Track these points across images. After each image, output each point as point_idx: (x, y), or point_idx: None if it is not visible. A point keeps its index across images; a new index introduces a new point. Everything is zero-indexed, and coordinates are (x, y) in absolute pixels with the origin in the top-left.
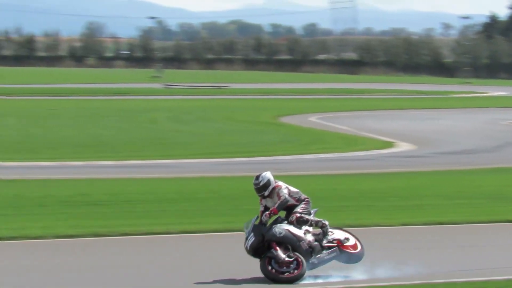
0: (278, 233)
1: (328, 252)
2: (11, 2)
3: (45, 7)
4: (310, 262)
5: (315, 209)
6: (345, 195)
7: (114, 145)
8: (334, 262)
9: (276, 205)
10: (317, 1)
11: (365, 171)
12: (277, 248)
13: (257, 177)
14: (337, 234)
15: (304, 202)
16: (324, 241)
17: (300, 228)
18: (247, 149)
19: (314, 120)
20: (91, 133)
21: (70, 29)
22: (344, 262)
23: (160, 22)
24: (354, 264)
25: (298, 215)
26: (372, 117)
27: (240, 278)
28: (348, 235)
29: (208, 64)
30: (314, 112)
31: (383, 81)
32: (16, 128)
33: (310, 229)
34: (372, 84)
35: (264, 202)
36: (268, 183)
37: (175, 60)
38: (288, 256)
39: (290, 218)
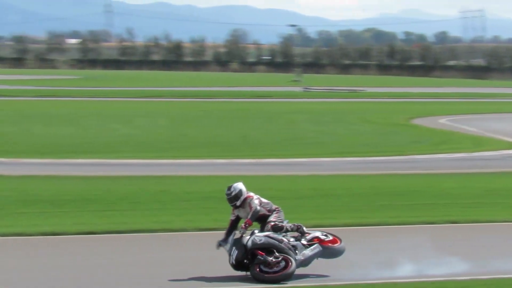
0: (258, 240)
1: (310, 249)
2: (161, 10)
3: (193, 16)
4: (296, 259)
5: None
6: (478, 193)
7: (257, 144)
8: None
9: (249, 216)
10: (448, 11)
11: (495, 170)
12: (262, 253)
13: (229, 188)
14: (314, 233)
15: (275, 212)
16: (304, 241)
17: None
18: (381, 149)
19: (443, 122)
20: (236, 133)
21: (215, 36)
22: (327, 258)
23: (300, 30)
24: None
25: (272, 223)
26: (499, 119)
27: (364, 269)
28: (325, 233)
29: (344, 69)
30: (444, 114)
31: (510, 86)
32: (167, 127)
33: (288, 233)
34: (499, 88)
35: (236, 212)
36: (239, 193)
37: (314, 65)
38: (275, 257)
39: (266, 228)
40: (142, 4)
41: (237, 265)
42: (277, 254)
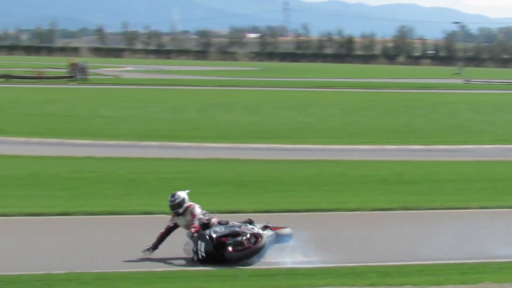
0: (219, 229)
1: (266, 232)
2: (334, 8)
3: (363, 13)
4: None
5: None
6: None
7: (423, 131)
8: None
9: (195, 221)
10: None
11: None
12: (227, 238)
13: (173, 195)
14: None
15: (214, 218)
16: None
17: None
18: None
19: None
20: (403, 121)
21: (384, 32)
22: (281, 242)
23: (462, 27)
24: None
25: (217, 220)
26: None
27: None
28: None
29: (504, 63)
30: None
31: None
32: (338, 116)
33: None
34: None
35: (175, 219)
36: (182, 201)
37: (474, 59)
38: (243, 235)
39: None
40: (317, 2)
41: (207, 257)
42: (243, 235)
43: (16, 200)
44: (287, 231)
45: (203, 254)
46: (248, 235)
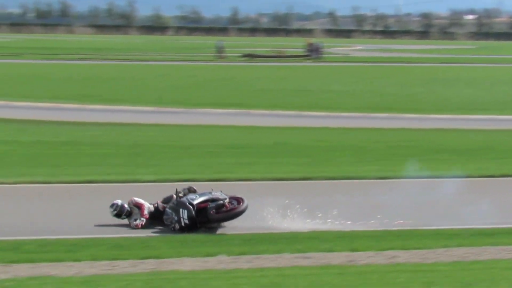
0: (195, 197)
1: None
2: None
3: None
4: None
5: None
6: None
7: None
8: None
9: (145, 211)
10: None
11: None
12: (207, 204)
13: (111, 205)
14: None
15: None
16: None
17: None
18: None
19: None
20: None
21: None
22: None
23: None
24: None
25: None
26: None
27: None
28: None
29: None
30: None
31: None
32: None
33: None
34: None
35: (134, 216)
36: (122, 207)
37: None
38: (223, 200)
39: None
40: None
41: (190, 224)
42: (222, 199)
43: (263, 167)
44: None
45: (186, 221)
46: (228, 199)
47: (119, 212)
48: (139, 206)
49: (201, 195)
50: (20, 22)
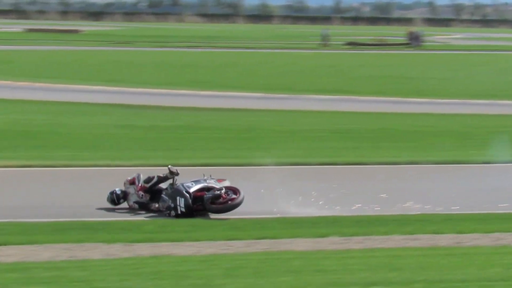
0: (191, 184)
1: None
2: None
3: None
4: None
5: None
6: None
7: None
8: None
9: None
10: None
11: None
12: (204, 193)
13: (111, 193)
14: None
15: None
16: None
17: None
18: None
19: None
20: None
21: None
22: None
23: None
24: None
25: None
26: None
27: None
28: None
29: None
30: None
31: None
32: None
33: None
34: None
35: (132, 192)
36: (120, 193)
37: None
38: (219, 190)
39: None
40: None
41: (186, 212)
42: (218, 188)
43: (368, 151)
44: (226, 183)
45: (183, 209)
46: (223, 189)
47: (113, 198)
48: (133, 182)
49: (196, 182)
50: (132, 11)
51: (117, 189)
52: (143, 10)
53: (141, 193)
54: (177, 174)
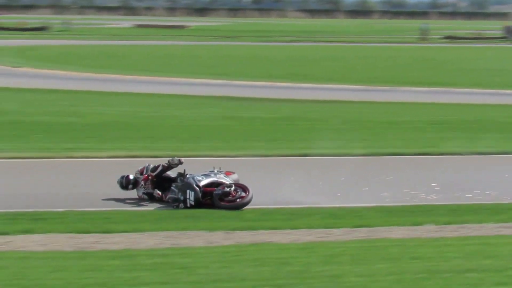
0: (200, 178)
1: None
2: None
3: None
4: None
5: None
6: None
7: None
8: None
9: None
10: None
11: None
12: (214, 188)
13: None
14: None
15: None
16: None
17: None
18: None
19: None
20: None
21: None
22: None
23: None
24: None
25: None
26: None
27: None
28: None
29: None
30: None
31: None
32: None
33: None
34: None
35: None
36: (126, 179)
37: None
38: (229, 187)
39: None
40: None
41: (195, 205)
42: (228, 186)
43: (464, 142)
44: (234, 177)
45: (192, 203)
46: (233, 187)
47: (121, 182)
48: (142, 171)
49: (206, 176)
50: (236, 7)
51: (131, 175)
52: (246, 6)
53: (146, 182)
54: (179, 163)
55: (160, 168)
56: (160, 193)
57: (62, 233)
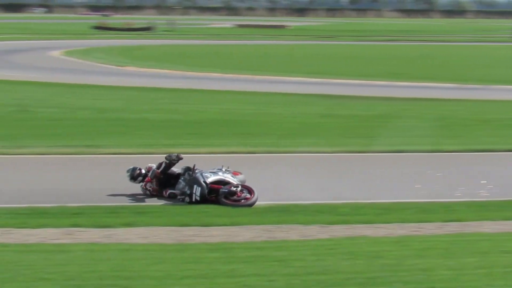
0: (209, 175)
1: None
2: None
3: None
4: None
5: None
6: None
7: None
8: None
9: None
10: None
11: None
12: (220, 186)
13: (130, 170)
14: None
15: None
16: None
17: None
18: None
19: None
20: None
21: None
22: None
23: None
24: None
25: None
26: None
27: None
28: None
29: None
30: None
31: None
32: None
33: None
34: None
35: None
36: (135, 170)
37: None
38: (235, 187)
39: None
40: None
41: (200, 201)
42: (235, 186)
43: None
44: (241, 177)
45: (197, 198)
46: (240, 187)
47: (132, 174)
48: (150, 169)
49: (213, 173)
50: (334, 8)
51: (143, 169)
52: (344, 6)
53: (148, 183)
54: (177, 159)
55: (163, 165)
56: (154, 187)
57: (163, 226)
